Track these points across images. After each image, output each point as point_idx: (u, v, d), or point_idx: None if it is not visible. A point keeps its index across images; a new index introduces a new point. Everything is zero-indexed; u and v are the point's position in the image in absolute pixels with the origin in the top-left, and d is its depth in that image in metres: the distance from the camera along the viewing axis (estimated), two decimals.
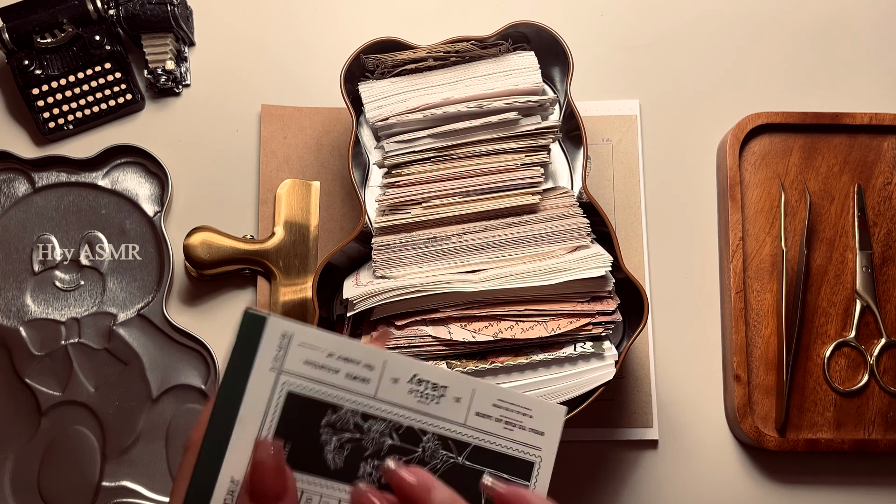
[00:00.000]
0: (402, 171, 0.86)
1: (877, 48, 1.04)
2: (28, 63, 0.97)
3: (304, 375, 0.57)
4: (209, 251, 0.94)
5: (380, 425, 0.59)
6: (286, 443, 0.57)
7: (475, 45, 0.90)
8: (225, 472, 0.56)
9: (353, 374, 0.59)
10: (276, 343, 0.56)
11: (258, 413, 0.57)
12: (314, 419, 0.58)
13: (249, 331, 0.56)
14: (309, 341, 0.57)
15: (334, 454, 0.59)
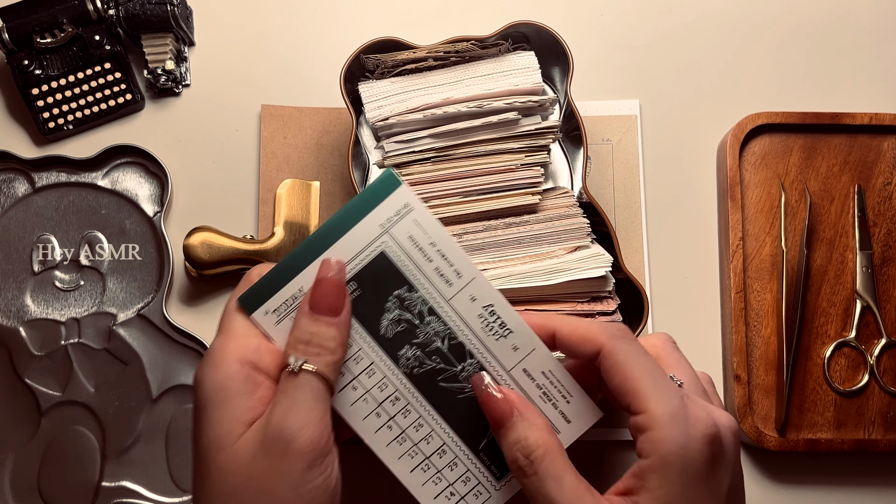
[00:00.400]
0: (401, 171, 0.86)
1: (877, 48, 1.04)
2: (28, 63, 0.97)
3: (402, 246, 0.64)
4: (209, 251, 0.94)
5: (438, 326, 0.65)
6: (357, 289, 0.64)
7: (475, 45, 0.90)
8: (297, 281, 0.63)
9: (442, 272, 0.64)
10: (397, 208, 0.64)
11: (350, 252, 0.64)
12: (389, 286, 0.64)
13: (383, 186, 0.64)
14: (422, 222, 0.64)
15: (389, 324, 0.64)
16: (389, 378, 0.65)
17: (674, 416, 0.56)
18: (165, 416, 0.95)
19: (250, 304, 0.64)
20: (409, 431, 0.65)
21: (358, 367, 0.65)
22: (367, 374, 0.65)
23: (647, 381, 0.58)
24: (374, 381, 0.65)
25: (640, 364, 0.59)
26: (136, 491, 0.94)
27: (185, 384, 0.96)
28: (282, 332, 0.63)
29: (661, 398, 0.57)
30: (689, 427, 0.56)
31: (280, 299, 0.63)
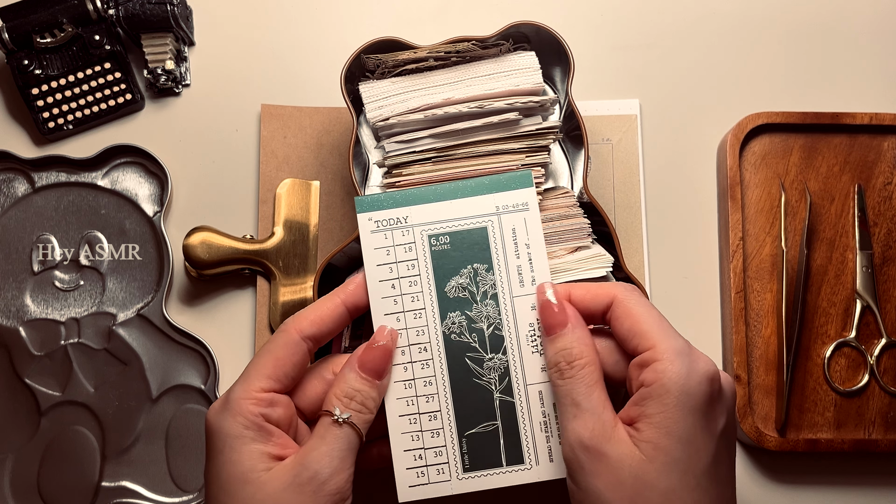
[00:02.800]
0: (402, 171, 0.86)
1: (877, 48, 1.04)
2: (28, 63, 0.97)
3: (503, 233, 0.72)
4: (209, 251, 0.94)
5: (493, 311, 0.71)
6: (448, 244, 0.72)
7: (476, 45, 0.90)
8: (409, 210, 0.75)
9: (521, 271, 0.72)
10: (517, 201, 0.73)
11: (462, 213, 0.74)
12: (475, 256, 0.72)
13: (518, 180, 0.75)
14: (529, 224, 0.73)
15: (456, 286, 0.71)
16: (430, 329, 0.71)
17: (679, 351, 0.61)
18: (165, 416, 0.95)
19: (364, 204, 0.74)
20: (418, 382, 0.71)
21: (411, 305, 0.72)
22: (414, 314, 0.72)
23: (655, 324, 0.63)
24: (416, 323, 0.72)
25: (650, 311, 0.65)
26: (136, 491, 0.94)
27: (185, 384, 0.96)
28: (371, 240, 0.73)
29: (668, 337, 0.62)
30: (691, 362, 0.61)
31: (388, 215, 0.73)
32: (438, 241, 0.72)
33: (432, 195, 0.73)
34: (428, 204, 0.73)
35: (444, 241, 0.72)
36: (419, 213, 0.73)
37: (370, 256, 0.73)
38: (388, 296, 0.73)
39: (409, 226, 0.72)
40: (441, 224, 0.73)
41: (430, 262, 0.72)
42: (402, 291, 0.73)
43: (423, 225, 0.73)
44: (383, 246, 0.73)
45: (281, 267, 0.96)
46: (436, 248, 0.72)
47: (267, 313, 0.97)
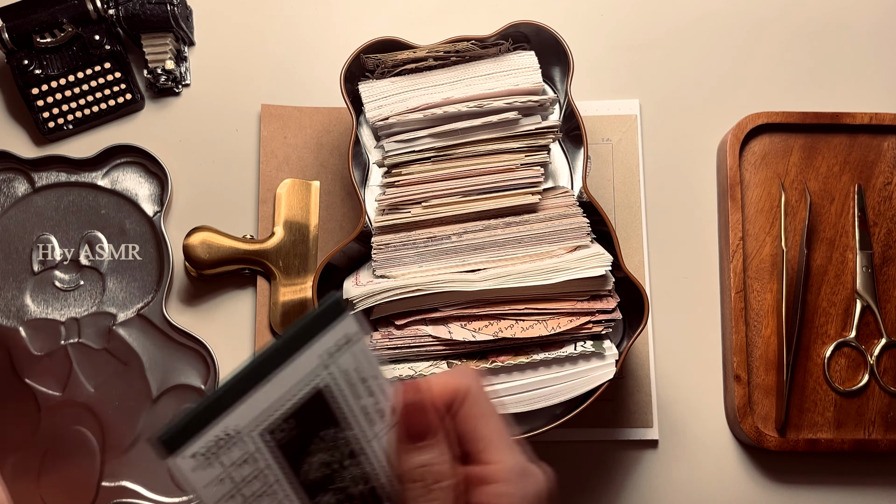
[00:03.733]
0: (401, 170, 0.86)
1: (877, 48, 1.04)
2: (28, 63, 0.97)
3: (337, 382, 0.56)
4: (209, 251, 0.94)
5: (357, 471, 0.58)
6: (295, 427, 0.55)
7: (475, 44, 0.90)
8: (230, 420, 0.53)
9: (367, 411, 0.58)
10: (338, 340, 0.55)
11: (286, 386, 0.55)
12: (319, 424, 0.56)
13: (327, 314, 0.55)
14: (360, 358, 0.56)
15: (312, 468, 0.57)
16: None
17: (518, 472, 0.56)
18: (165, 415, 0.95)
19: (170, 443, 0.52)
20: None
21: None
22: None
23: (499, 434, 0.58)
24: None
25: (496, 417, 0.58)
26: (136, 491, 0.94)
27: (185, 384, 0.96)
28: (202, 480, 0.54)
29: (509, 454, 0.57)
30: (528, 485, 0.56)
31: (207, 441, 0.53)
32: (280, 431, 0.56)
33: (247, 383, 0.54)
34: (247, 400, 0.54)
35: (290, 427, 0.56)
36: (244, 415, 0.54)
37: (207, 497, 0.55)
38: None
39: (239, 437, 0.54)
40: (273, 412, 0.55)
41: (274, 462, 0.56)
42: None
43: (254, 424, 0.55)
44: (216, 477, 0.55)
45: (281, 267, 0.96)
46: (282, 440, 0.56)
47: (267, 313, 0.97)
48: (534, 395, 0.80)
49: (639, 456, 0.95)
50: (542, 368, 0.80)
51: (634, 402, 0.95)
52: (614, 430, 0.94)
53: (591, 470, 0.95)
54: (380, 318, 0.83)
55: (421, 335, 0.81)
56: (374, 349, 0.56)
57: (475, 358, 0.81)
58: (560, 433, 0.93)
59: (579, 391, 0.80)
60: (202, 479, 0.53)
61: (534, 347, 0.82)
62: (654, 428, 0.95)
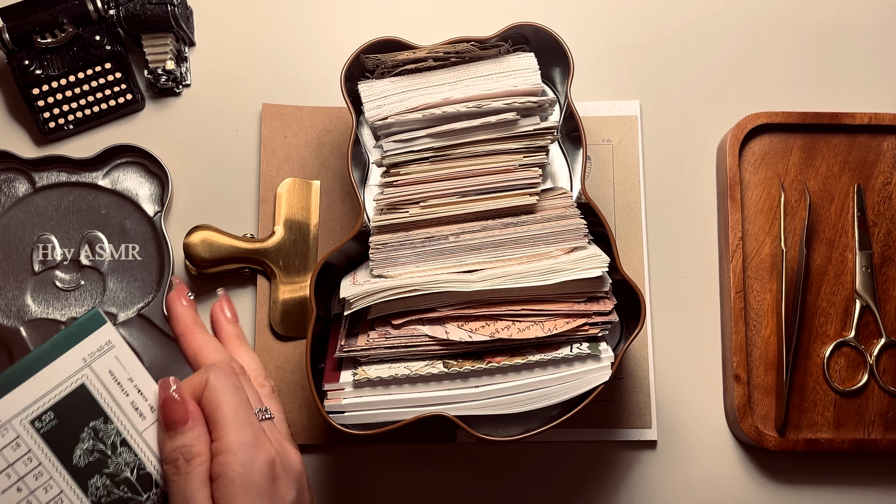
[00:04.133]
0: (400, 170, 0.86)
1: (877, 48, 1.04)
2: (28, 63, 0.98)
3: (101, 380, 0.67)
4: (209, 250, 0.94)
5: (129, 457, 0.67)
6: (55, 419, 0.66)
7: (475, 45, 0.90)
8: None
9: (137, 406, 0.68)
10: (99, 344, 0.67)
11: (50, 384, 0.66)
12: (86, 416, 0.67)
13: (89, 323, 0.67)
14: (122, 359, 0.68)
15: (83, 454, 0.66)
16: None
17: (242, 443, 0.65)
18: None
19: None
20: None
21: (46, 496, 0.66)
22: (54, 503, 0.66)
23: (231, 413, 0.66)
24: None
25: (230, 399, 0.67)
26: None
27: None
28: None
29: (236, 429, 0.66)
30: (254, 453, 0.65)
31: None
32: (43, 421, 0.66)
33: (13, 380, 0.66)
34: (12, 392, 0.66)
35: (49, 419, 0.66)
36: (8, 405, 0.66)
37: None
38: (19, 501, 0.66)
39: (3, 424, 0.66)
40: (37, 404, 0.66)
41: (44, 446, 0.66)
42: (30, 489, 0.66)
43: (19, 415, 0.66)
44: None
45: (281, 266, 0.97)
46: (44, 430, 0.66)
47: (267, 312, 0.97)
48: (529, 396, 0.80)
49: (638, 456, 0.95)
50: (538, 370, 0.80)
51: (633, 403, 0.95)
52: (613, 430, 0.94)
53: (590, 471, 0.95)
54: (377, 318, 0.83)
55: (418, 335, 0.81)
56: (135, 355, 0.69)
57: (471, 358, 0.81)
58: (558, 433, 0.93)
59: (575, 393, 0.80)
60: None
61: (530, 349, 0.82)
62: (653, 428, 0.95)
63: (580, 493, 0.95)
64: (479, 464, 0.95)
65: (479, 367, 0.80)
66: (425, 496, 0.95)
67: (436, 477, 0.95)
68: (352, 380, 0.81)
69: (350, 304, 0.82)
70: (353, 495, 0.95)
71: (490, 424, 0.83)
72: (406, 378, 0.81)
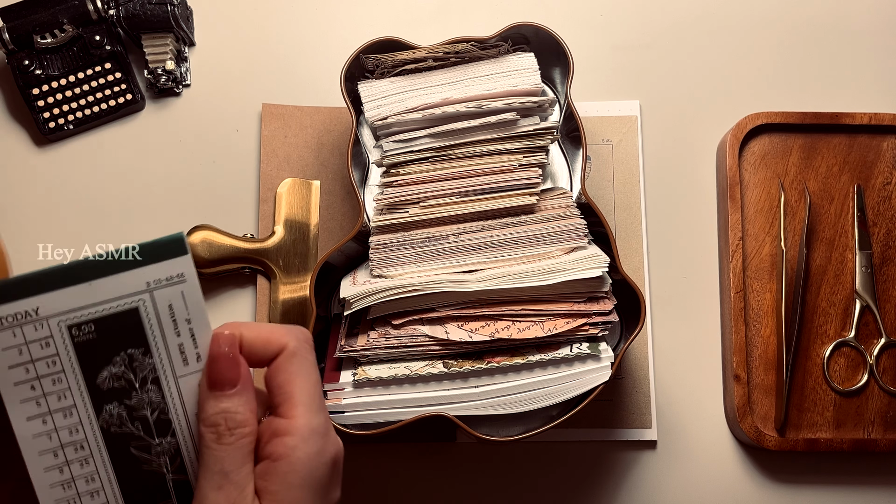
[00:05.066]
0: (400, 170, 0.86)
1: (877, 48, 1.04)
2: (28, 63, 0.98)
3: (158, 311, 0.61)
4: (209, 250, 0.94)
5: (155, 397, 0.62)
6: (93, 332, 0.60)
7: (475, 45, 0.90)
8: (37, 301, 0.59)
9: (184, 350, 0.62)
10: (170, 273, 0.60)
11: (104, 295, 0.60)
12: (127, 341, 0.61)
13: (168, 247, 0.60)
14: (188, 298, 0.61)
15: (109, 377, 0.61)
16: (84, 426, 0.63)
17: (315, 431, 0.59)
18: None
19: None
20: (79, 481, 0.64)
21: (57, 404, 0.62)
22: (63, 413, 0.62)
23: (306, 393, 0.60)
24: (67, 422, 0.63)
25: (308, 376, 0.61)
26: None
27: None
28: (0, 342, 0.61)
29: (310, 412, 0.60)
30: (324, 445, 0.60)
31: (12, 310, 0.60)
32: (81, 330, 0.61)
33: (67, 277, 0.60)
34: (62, 290, 0.60)
35: (89, 330, 0.61)
36: (52, 301, 0.60)
37: (1, 358, 0.61)
38: (28, 398, 0.62)
39: (40, 318, 0.60)
40: (82, 311, 0.61)
41: (73, 356, 0.62)
42: (44, 391, 0.62)
43: (60, 315, 0.61)
44: (13, 345, 0.61)
45: (281, 266, 0.97)
46: (79, 339, 0.61)
47: (267, 312, 0.97)
48: (529, 396, 0.80)
49: (638, 456, 0.95)
50: (538, 370, 0.80)
51: (633, 403, 0.95)
52: (613, 430, 0.94)
53: (590, 470, 0.95)
54: (377, 318, 0.83)
55: (417, 335, 0.82)
56: (202, 298, 0.61)
57: (471, 358, 0.81)
58: (558, 433, 0.93)
59: (575, 393, 0.80)
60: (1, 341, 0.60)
61: (530, 349, 0.82)
62: (653, 428, 0.95)
63: (580, 493, 0.95)
64: (479, 464, 0.95)
65: (479, 367, 0.80)
66: (425, 496, 0.95)
67: (436, 477, 0.95)
68: (352, 380, 0.81)
69: (350, 304, 0.82)
70: (352, 495, 0.95)
71: (490, 424, 0.83)
72: (406, 378, 0.81)
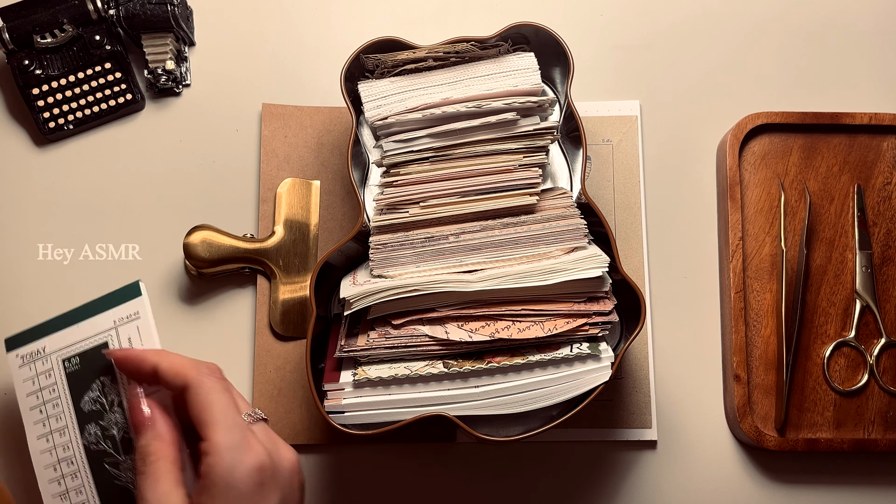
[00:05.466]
0: (400, 170, 0.86)
1: (877, 48, 1.04)
2: (28, 63, 0.98)
3: (120, 344, 0.79)
4: (209, 250, 0.94)
5: (120, 418, 0.77)
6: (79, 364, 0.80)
7: (475, 45, 0.90)
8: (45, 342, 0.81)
9: None
10: (130, 312, 0.79)
11: (85, 334, 0.80)
12: (100, 370, 0.78)
13: (128, 291, 0.80)
14: (142, 331, 0.79)
15: (89, 401, 0.79)
16: (73, 443, 0.79)
17: (229, 446, 0.66)
18: None
19: (11, 343, 0.82)
20: (71, 494, 0.80)
21: (57, 425, 0.80)
22: (59, 433, 0.80)
23: (219, 414, 0.68)
24: (62, 440, 0.80)
25: (218, 399, 0.69)
26: None
27: None
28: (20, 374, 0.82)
29: (225, 430, 0.67)
30: (241, 456, 0.66)
31: (30, 349, 0.81)
32: (70, 363, 0.80)
33: (64, 322, 0.81)
34: (60, 332, 0.81)
35: (75, 363, 0.80)
36: (53, 341, 0.81)
37: (21, 388, 0.82)
38: (38, 420, 0.81)
39: (45, 355, 0.81)
40: (71, 347, 0.80)
41: (65, 383, 0.80)
42: (48, 414, 0.81)
43: (57, 351, 0.81)
44: (29, 377, 0.82)
45: (281, 266, 0.97)
46: (69, 370, 0.80)
47: (267, 312, 0.97)
48: (529, 396, 0.80)
49: (638, 456, 0.95)
50: (538, 370, 0.80)
51: (633, 403, 0.95)
52: (613, 430, 0.94)
53: (590, 471, 0.95)
54: (377, 318, 0.83)
55: (418, 335, 0.81)
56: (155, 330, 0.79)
57: (471, 359, 0.81)
58: (558, 433, 0.93)
59: (575, 393, 0.80)
60: (22, 375, 0.82)
61: (530, 349, 0.82)
62: (653, 428, 0.95)
63: (580, 493, 0.95)
64: (479, 464, 0.95)
65: (479, 367, 0.80)
66: (425, 496, 0.95)
67: (436, 477, 0.95)
68: (352, 380, 0.81)
69: (350, 304, 0.82)
70: (353, 495, 0.94)
71: (490, 424, 0.83)
72: (406, 378, 0.81)
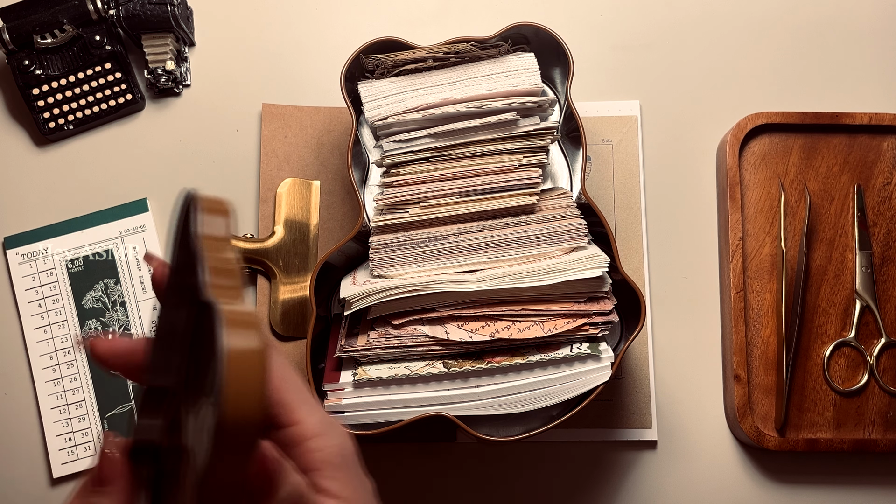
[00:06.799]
0: (400, 170, 0.86)
1: (877, 48, 1.04)
2: (28, 63, 0.98)
3: (126, 252, 0.94)
4: None
5: (121, 315, 0.90)
6: (83, 266, 0.93)
7: (475, 45, 0.90)
8: (48, 243, 0.94)
9: (144, 281, 0.94)
10: (136, 224, 0.93)
11: (92, 239, 0.93)
12: (105, 273, 0.93)
13: (136, 206, 0.94)
14: (147, 242, 0.92)
15: (91, 300, 0.92)
16: (71, 335, 0.91)
17: (324, 422, 0.60)
18: None
19: (11, 242, 0.94)
20: (65, 379, 0.91)
21: (55, 318, 0.92)
22: (58, 325, 0.92)
23: (296, 394, 0.61)
24: (60, 332, 0.91)
25: (290, 377, 0.62)
26: None
27: None
28: (19, 270, 0.94)
29: (310, 409, 0.60)
30: (338, 435, 0.60)
31: (31, 249, 0.94)
32: (73, 264, 0.93)
33: (68, 228, 0.94)
34: (64, 235, 0.94)
35: (79, 265, 0.93)
36: (57, 243, 0.93)
37: (20, 282, 0.93)
38: (36, 313, 0.92)
39: (48, 255, 0.93)
40: (75, 251, 0.93)
41: (67, 282, 0.92)
42: (47, 308, 0.92)
43: (61, 253, 0.93)
44: (29, 273, 0.93)
45: (281, 266, 0.97)
46: (72, 271, 0.93)
47: (267, 312, 0.97)
48: (529, 396, 0.80)
49: (638, 457, 0.95)
50: (538, 370, 0.80)
51: (633, 403, 0.95)
52: (613, 430, 0.94)
53: (590, 471, 0.95)
54: (377, 318, 0.83)
55: (418, 335, 0.81)
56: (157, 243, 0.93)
57: (471, 359, 0.81)
58: (558, 433, 0.93)
59: (575, 393, 0.80)
60: (21, 271, 0.93)
61: (530, 349, 0.82)
62: (654, 428, 0.95)
63: (580, 493, 0.95)
64: (479, 464, 0.95)
65: (479, 367, 0.80)
66: (425, 496, 0.95)
67: (436, 477, 0.95)
68: (352, 380, 0.81)
69: (350, 304, 0.82)
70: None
71: (490, 424, 0.83)
72: (406, 378, 0.81)
